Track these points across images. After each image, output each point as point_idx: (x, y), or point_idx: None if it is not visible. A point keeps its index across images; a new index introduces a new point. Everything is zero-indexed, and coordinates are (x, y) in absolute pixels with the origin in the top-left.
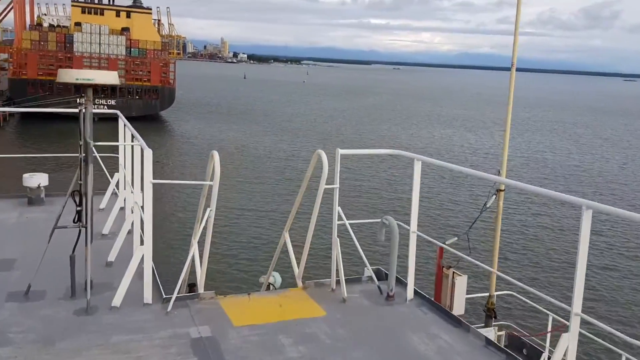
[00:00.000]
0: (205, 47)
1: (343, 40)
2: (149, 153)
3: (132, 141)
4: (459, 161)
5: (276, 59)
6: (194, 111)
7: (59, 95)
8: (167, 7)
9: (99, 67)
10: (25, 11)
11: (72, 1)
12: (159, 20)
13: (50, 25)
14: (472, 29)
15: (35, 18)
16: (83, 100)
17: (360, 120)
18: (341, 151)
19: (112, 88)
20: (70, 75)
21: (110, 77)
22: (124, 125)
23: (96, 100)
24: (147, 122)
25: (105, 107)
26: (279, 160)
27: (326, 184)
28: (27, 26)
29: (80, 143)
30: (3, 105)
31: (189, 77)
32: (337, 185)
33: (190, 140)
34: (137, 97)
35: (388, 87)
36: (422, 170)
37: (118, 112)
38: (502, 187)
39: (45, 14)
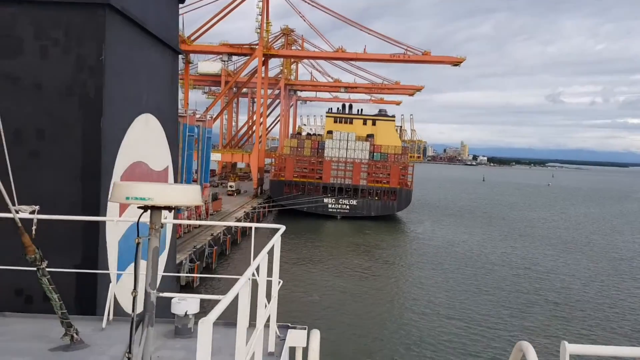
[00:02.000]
0: (445, 150)
1: (594, 141)
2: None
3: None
4: None
5: (518, 162)
6: (430, 212)
7: (309, 195)
8: (411, 115)
9: (345, 170)
10: (289, 123)
11: (326, 113)
12: (401, 127)
13: (308, 134)
14: None
15: (297, 128)
16: (330, 200)
17: (617, 229)
18: (571, 347)
19: (355, 189)
20: (120, 193)
21: (184, 196)
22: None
23: (340, 200)
24: (385, 221)
25: (348, 207)
26: (513, 269)
27: None
28: (289, 135)
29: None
30: (265, 202)
31: (427, 179)
32: None
33: (422, 242)
34: (376, 197)
35: None
36: None
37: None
38: None
39: (305, 124)
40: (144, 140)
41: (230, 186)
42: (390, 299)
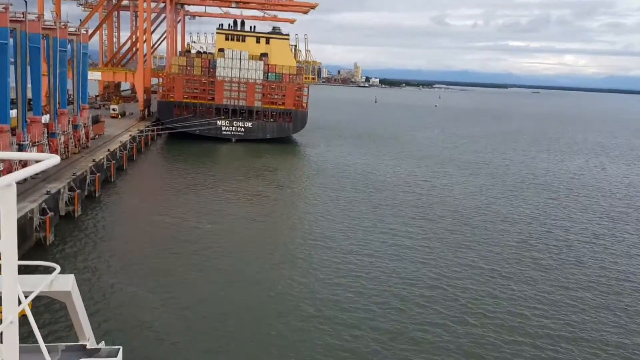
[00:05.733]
0: (339, 72)
1: (478, 64)
2: None
3: None
4: (618, 199)
5: (408, 83)
6: (325, 134)
7: (200, 117)
8: (305, 35)
9: (238, 91)
10: (177, 40)
11: (217, 29)
12: (296, 47)
13: (198, 52)
14: (619, 51)
15: (186, 46)
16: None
17: (495, 147)
18: None
19: (249, 111)
20: None
21: None
22: None
23: (234, 122)
24: (280, 144)
25: (242, 129)
26: (404, 187)
27: None
28: (178, 53)
29: None
30: (153, 125)
31: (322, 101)
32: None
33: (319, 164)
34: (271, 119)
35: (527, 112)
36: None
37: None
38: None
39: (194, 42)
40: None
41: (113, 109)
42: (282, 223)
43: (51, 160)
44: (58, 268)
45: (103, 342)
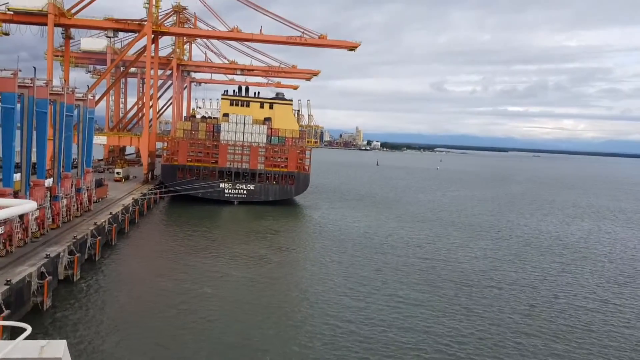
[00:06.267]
0: (340, 135)
1: (477, 128)
2: None
3: None
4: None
5: (409, 147)
6: (327, 197)
7: (204, 180)
8: (308, 100)
9: (242, 154)
10: (182, 105)
11: (222, 95)
12: (299, 111)
13: (202, 117)
14: (616, 116)
15: (191, 111)
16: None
17: (499, 210)
18: None
19: (252, 173)
20: None
21: None
22: None
23: (237, 185)
24: (283, 206)
25: (245, 191)
26: (403, 248)
27: None
28: (183, 118)
29: None
30: (156, 188)
31: (324, 164)
32: None
33: (321, 227)
34: (274, 182)
35: (528, 175)
36: None
37: None
38: None
39: (199, 107)
40: None
41: (117, 172)
42: (282, 287)
43: (26, 205)
44: (29, 329)
45: None
